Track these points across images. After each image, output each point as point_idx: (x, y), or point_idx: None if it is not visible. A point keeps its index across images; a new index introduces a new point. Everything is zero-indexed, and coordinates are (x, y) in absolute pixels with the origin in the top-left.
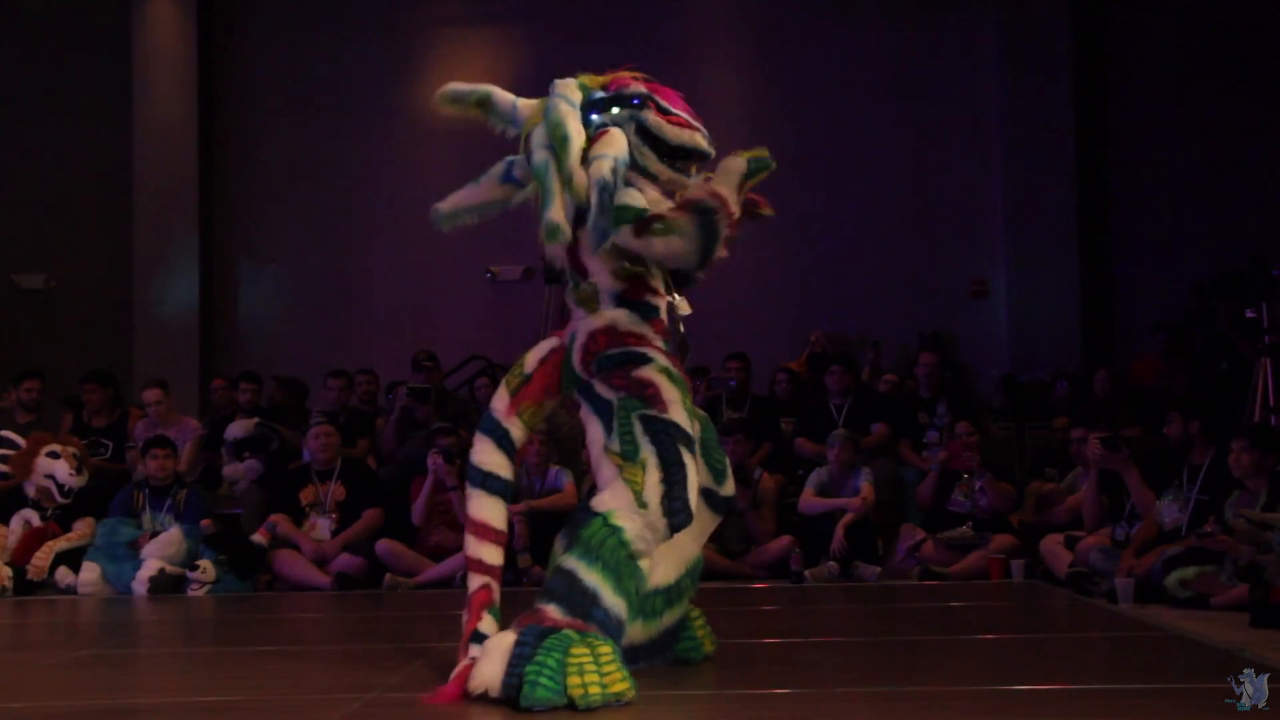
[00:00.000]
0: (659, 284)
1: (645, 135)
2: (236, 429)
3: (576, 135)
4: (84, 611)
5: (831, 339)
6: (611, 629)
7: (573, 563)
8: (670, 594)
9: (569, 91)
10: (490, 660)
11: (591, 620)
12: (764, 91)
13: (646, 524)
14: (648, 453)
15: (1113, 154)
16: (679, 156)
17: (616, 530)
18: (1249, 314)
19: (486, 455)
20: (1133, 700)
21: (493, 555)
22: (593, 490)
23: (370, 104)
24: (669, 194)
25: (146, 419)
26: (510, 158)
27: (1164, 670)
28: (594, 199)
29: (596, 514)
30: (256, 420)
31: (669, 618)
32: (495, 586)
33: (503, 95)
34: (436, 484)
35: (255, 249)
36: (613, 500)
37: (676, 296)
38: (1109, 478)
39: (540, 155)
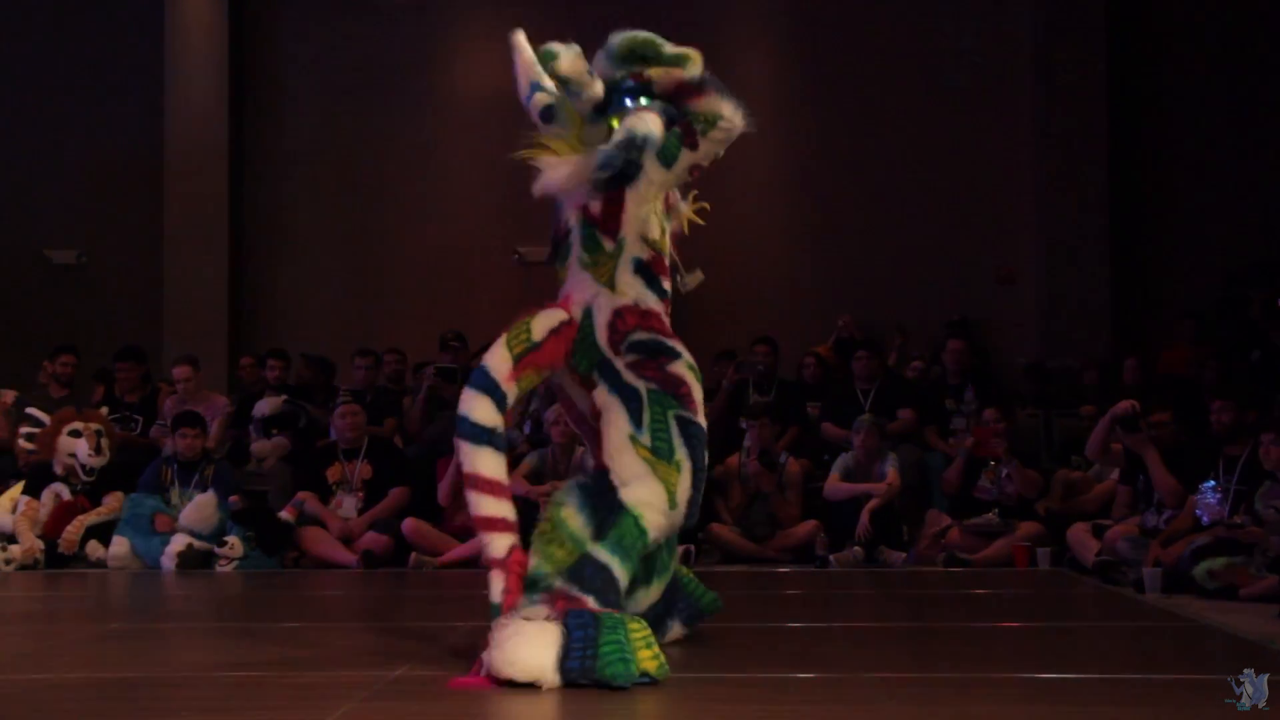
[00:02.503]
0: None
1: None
2: (264, 406)
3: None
4: (113, 585)
5: (859, 324)
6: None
7: (606, 557)
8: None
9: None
10: (532, 647)
11: (623, 610)
12: (793, 75)
13: (670, 524)
14: (682, 455)
15: (1146, 140)
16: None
17: (645, 533)
18: None
19: (487, 413)
20: (1159, 690)
21: (512, 512)
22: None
23: (401, 83)
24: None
25: (176, 395)
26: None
27: (1191, 661)
28: (622, 135)
29: (629, 511)
30: (284, 398)
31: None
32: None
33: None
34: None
35: (285, 227)
36: (647, 495)
37: (685, 274)
38: (1137, 466)
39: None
